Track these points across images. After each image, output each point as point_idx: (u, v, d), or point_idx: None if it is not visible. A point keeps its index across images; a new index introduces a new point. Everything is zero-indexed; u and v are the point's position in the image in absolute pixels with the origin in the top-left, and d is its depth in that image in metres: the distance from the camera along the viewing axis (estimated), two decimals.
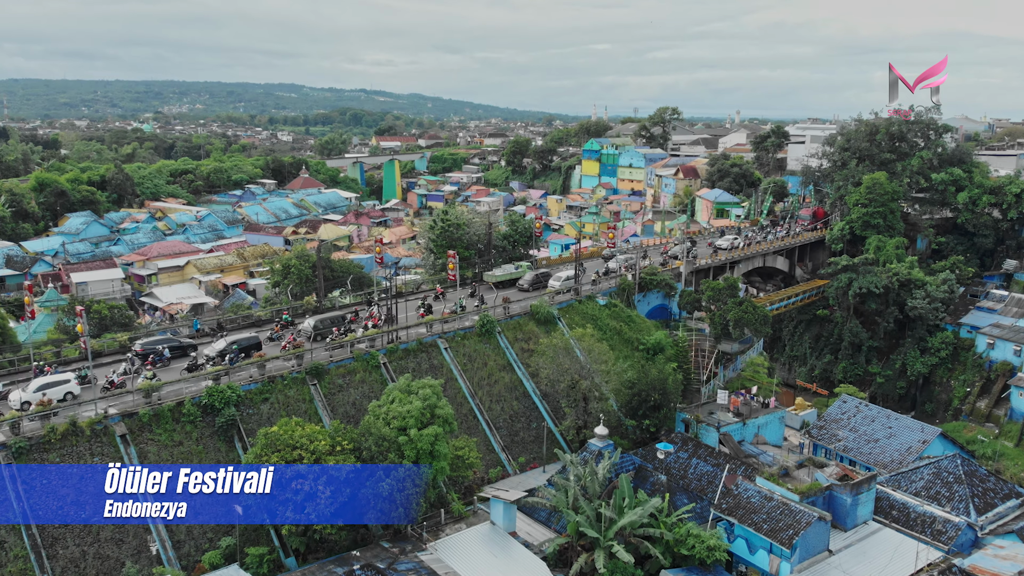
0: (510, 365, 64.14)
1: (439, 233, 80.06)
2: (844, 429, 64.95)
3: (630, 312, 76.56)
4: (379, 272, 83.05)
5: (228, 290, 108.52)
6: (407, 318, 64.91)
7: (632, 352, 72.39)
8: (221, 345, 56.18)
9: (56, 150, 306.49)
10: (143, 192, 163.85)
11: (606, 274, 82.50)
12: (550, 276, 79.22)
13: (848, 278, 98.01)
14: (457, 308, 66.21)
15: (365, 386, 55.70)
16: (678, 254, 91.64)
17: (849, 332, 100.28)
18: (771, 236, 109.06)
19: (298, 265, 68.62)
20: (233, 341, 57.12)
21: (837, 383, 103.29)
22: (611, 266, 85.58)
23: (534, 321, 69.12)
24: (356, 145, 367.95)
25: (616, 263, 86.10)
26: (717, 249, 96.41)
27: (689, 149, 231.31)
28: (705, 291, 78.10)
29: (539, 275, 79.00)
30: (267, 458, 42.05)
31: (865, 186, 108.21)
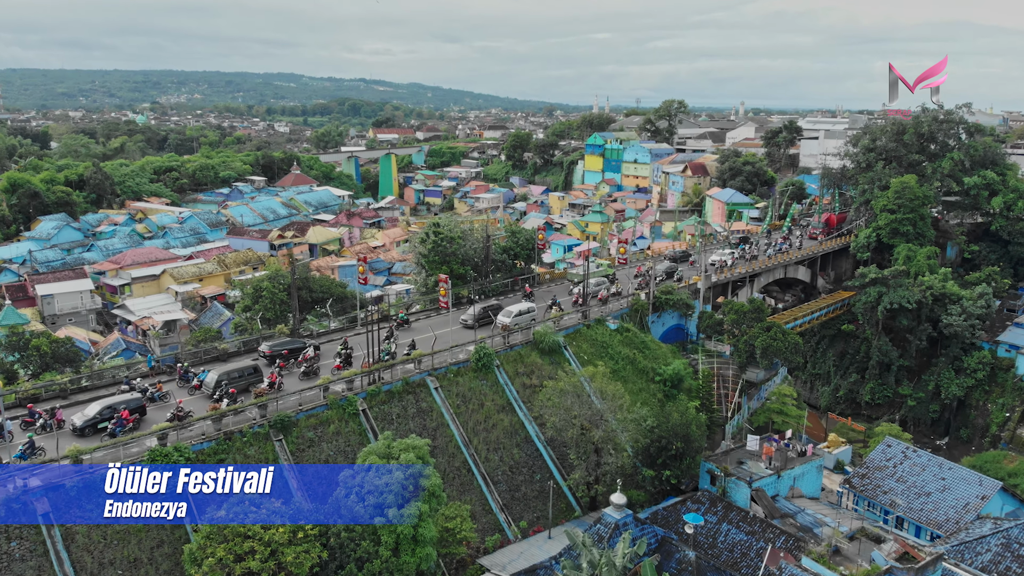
0: (510, 405, 56.28)
1: (431, 248, 72.03)
2: (890, 479, 57.11)
3: (644, 337, 68.68)
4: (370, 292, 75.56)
5: (206, 302, 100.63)
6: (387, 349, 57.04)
7: (647, 384, 64.66)
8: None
9: (46, 143, 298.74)
10: (124, 191, 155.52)
11: (578, 304, 69.40)
12: (500, 309, 66.20)
13: (877, 292, 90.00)
14: (384, 356, 54.79)
15: (341, 439, 47.82)
16: (659, 275, 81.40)
17: (878, 351, 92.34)
18: (777, 247, 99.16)
19: (271, 288, 60.63)
20: (227, 372, 50.46)
21: (864, 405, 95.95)
22: (502, 320, 66.46)
23: (537, 351, 61.25)
24: (353, 138, 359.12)
25: (505, 319, 67.79)
26: (708, 268, 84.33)
27: (696, 143, 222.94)
28: (728, 313, 70.14)
29: (488, 308, 65.99)
30: (210, 553, 34.21)
31: (893, 190, 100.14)
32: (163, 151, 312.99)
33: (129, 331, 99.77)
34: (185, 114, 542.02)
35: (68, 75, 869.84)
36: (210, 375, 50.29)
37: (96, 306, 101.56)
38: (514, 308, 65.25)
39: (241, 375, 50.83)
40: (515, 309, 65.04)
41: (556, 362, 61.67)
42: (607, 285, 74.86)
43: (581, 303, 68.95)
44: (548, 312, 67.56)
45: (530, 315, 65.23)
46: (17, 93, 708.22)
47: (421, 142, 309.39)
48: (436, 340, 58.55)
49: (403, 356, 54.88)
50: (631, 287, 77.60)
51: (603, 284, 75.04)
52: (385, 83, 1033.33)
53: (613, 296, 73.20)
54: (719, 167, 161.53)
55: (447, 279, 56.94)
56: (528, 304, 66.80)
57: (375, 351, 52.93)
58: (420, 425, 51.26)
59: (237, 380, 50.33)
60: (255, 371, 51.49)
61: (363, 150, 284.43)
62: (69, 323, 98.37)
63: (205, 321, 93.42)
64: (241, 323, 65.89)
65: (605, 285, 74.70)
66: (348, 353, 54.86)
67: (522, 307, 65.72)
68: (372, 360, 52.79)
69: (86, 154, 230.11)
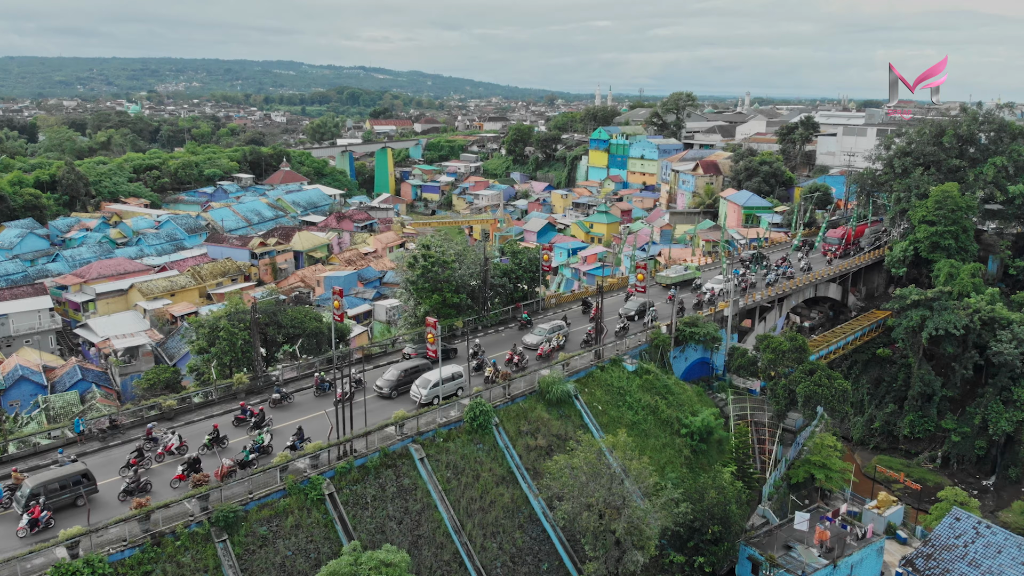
0: (511, 475, 47.16)
1: (420, 274, 62.71)
2: (960, 561, 48.03)
3: (666, 379, 59.48)
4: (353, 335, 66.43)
5: (176, 321, 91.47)
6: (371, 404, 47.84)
7: (672, 438, 55.59)
8: None
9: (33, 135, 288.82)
10: (100, 192, 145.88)
11: (511, 363, 55.62)
12: (420, 373, 51.78)
13: (920, 316, 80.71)
14: (247, 456, 41.29)
15: (302, 534, 38.67)
16: (646, 310, 69.12)
17: (920, 380, 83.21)
18: (780, 271, 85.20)
19: (229, 328, 51.42)
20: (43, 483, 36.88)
21: (902, 439, 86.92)
22: (529, 341, 61.08)
23: (543, 404, 52.10)
24: (350, 129, 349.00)
25: (536, 337, 61.48)
26: (701, 299, 72.97)
27: (704, 137, 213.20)
28: (763, 351, 60.89)
29: (407, 371, 51.91)
30: None
31: (933, 199, 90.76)
32: (155, 142, 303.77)
33: (92, 354, 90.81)
34: (181, 103, 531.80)
35: (66, 63, 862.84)
36: (25, 483, 37.09)
37: (56, 326, 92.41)
38: (432, 376, 49.76)
39: (64, 485, 37.26)
40: (433, 377, 49.61)
41: (565, 415, 52.57)
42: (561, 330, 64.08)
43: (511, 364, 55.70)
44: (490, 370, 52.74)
45: (456, 383, 50.81)
46: (15, 81, 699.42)
47: (419, 135, 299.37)
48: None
49: (286, 448, 42.51)
50: None
51: (560, 328, 63.37)
52: (385, 71, 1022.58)
53: None
54: (733, 166, 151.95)
55: (435, 323, 47.60)
56: (453, 368, 51.45)
57: (337, 425, 43.46)
58: (401, 509, 42.15)
59: (57, 495, 36.94)
60: (85, 477, 37.88)
61: (359, 143, 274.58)
62: (26, 345, 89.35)
63: (172, 346, 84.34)
64: (197, 365, 56.73)
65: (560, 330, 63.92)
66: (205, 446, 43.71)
67: (453, 370, 51.12)
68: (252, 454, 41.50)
69: (71, 148, 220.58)
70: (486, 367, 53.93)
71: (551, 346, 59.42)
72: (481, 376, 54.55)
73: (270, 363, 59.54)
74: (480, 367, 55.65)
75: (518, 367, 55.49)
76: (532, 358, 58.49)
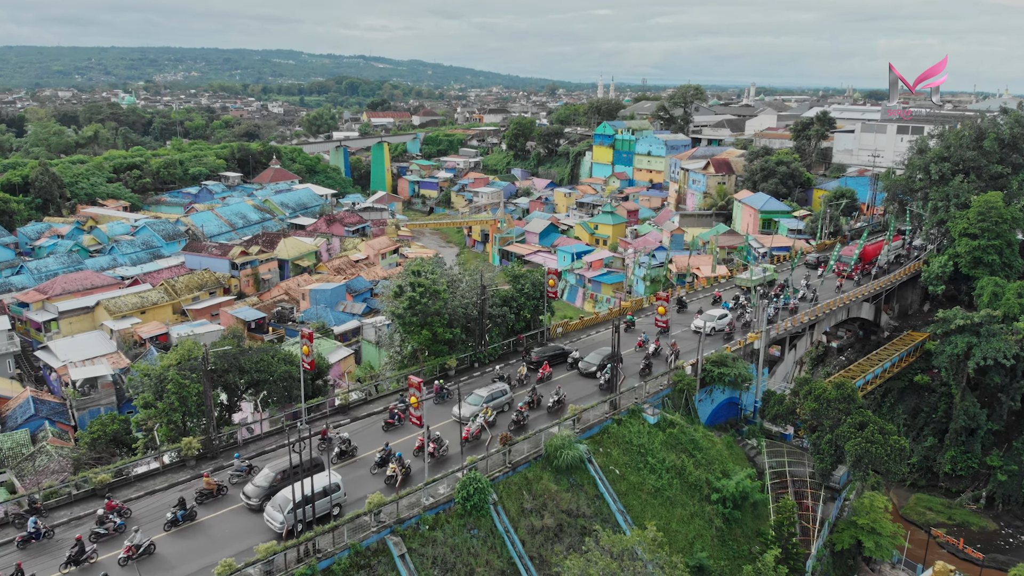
0: (512, 568, 39.15)
1: (407, 306, 54.53)
2: None
3: (693, 432, 51.44)
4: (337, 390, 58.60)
5: (144, 344, 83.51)
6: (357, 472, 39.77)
7: (701, 506, 47.67)
8: None
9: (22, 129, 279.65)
10: (76, 194, 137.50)
11: (422, 453, 42.90)
12: (319, 469, 38.56)
13: (966, 343, 72.52)
14: None
15: None
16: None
17: (963, 413, 75.19)
18: (781, 303, 71.67)
19: (179, 379, 43.20)
20: None
21: (942, 476, 78.96)
22: (464, 412, 46.37)
23: (550, 472, 44.13)
24: (347, 121, 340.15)
25: (471, 407, 47.74)
26: (696, 332, 61.69)
27: (712, 132, 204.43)
28: (805, 399, 52.77)
29: (285, 474, 38.26)
30: None
31: (975, 210, 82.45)
32: (147, 135, 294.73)
33: (54, 380, 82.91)
34: (178, 93, 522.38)
35: (64, 52, 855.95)
36: None
37: (15, 348, 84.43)
38: (281, 498, 36.55)
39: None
40: (283, 499, 36.35)
41: (577, 484, 44.57)
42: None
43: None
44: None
45: (334, 498, 37.60)
46: (12, 71, 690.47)
47: (417, 128, 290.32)
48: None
49: None
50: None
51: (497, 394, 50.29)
52: (385, 60, 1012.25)
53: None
54: (747, 165, 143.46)
55: (420, 384, 39.46)
56: (332, 479, 37.93)
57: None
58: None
59: None
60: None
61: (356, 136, 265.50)
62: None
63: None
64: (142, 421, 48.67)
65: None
66: None
67: (321, 481, 37.14)
68: None
69: (57, 143, 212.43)
70: (390, 463, 41.06)
71: (477, 427, 45.16)
72: (383, 475, 41.27)
73: (232, 411, 51.55)
74: (384, 462, 41.89)
75: (435, 457, 42.44)
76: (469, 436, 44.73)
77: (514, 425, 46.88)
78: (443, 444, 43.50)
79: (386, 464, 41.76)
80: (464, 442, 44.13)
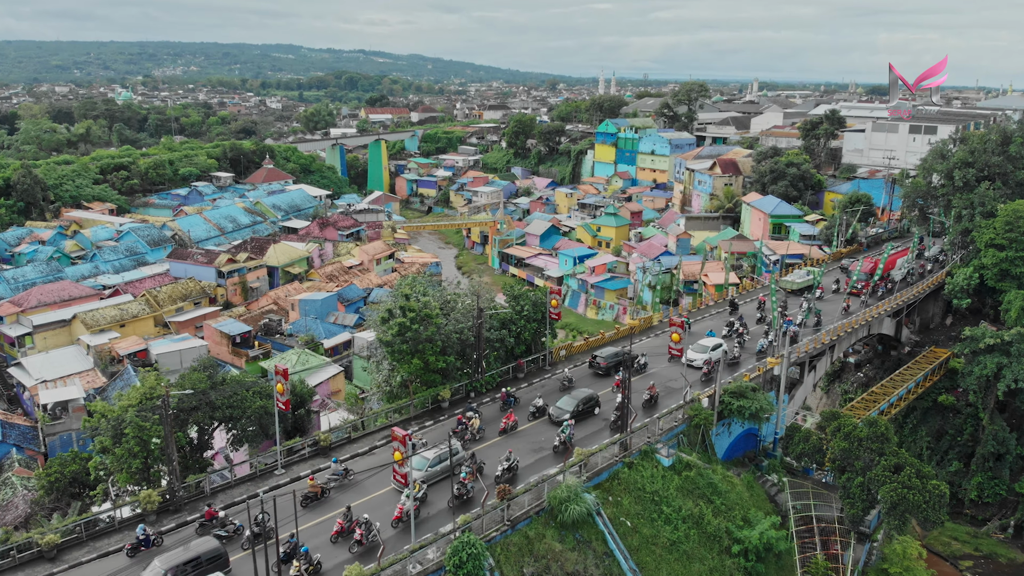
0: None
1: (396, 333, 49.77)
2: None
3: (711, 474, 46.74)
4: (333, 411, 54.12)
5: (122, 361, 78.88)
6: None
7: (721, 560, 42.94)
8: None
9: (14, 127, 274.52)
10: (61, 196, 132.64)
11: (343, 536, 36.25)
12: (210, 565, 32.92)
13: (996, 364, 67.85)
14: None
15: None
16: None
17: (992, 437, 70.54)
18: (782, 328, 60.39)
19: (138, 423, 38.44)
20: None
21: (967, 503, 74.34)
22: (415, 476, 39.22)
23: (554, 527, 39.43)
24: (345, 117, 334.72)
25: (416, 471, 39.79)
26: (690, 365, 56.97)
27: (717, 129, 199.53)
28: (833, 438, 48.02)
29: (189, 564, 32.41)
30: None
31: (1003, 219, 77.69)
32: (143, 132, 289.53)
33: (28, 399, 78.30)
34: (176, 88, 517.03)
35: (63, 47, 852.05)
36: None
37: None
38: None
39: None
40: None
41: (584, 540, 39.89)
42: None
43: None
44: None
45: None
46: (11, 66, 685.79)
47: (415, 125, 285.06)
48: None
49: None
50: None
51: None
52: (385, 54, 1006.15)
53: None
54: (755, 166, 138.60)
55: (406, 438, 34.68)
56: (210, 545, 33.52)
57: None
58: None
59: None
60: None
61: (353, 134, 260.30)
62: None
63: (111, 398, 71.57)
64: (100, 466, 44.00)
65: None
66: None
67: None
68: None
69: (48, 141, 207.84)
70: (295, 562, 33.10)
71: (414, 503, 36.19)
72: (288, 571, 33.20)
73: (204, 449, 46.87)
74: (288, 558, 33.65)
75: (362, 544, 35.18)
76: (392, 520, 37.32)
77: (455, 500, 38.74)
78: (372, 528, 35.54)
79: (290, 561, 33.52)
80: (397, 522, 37.14)
